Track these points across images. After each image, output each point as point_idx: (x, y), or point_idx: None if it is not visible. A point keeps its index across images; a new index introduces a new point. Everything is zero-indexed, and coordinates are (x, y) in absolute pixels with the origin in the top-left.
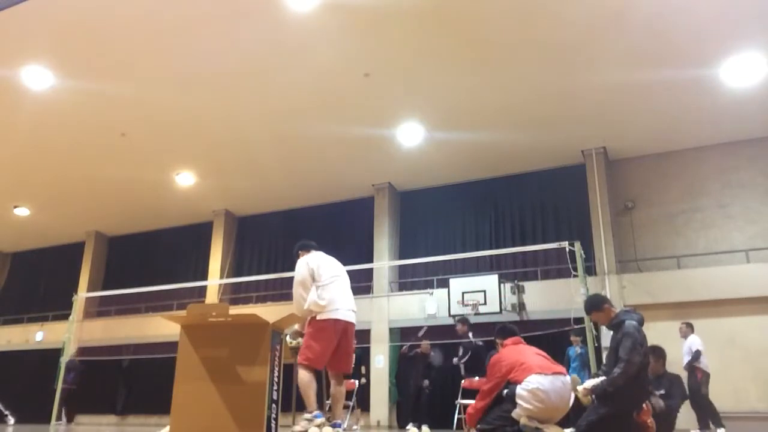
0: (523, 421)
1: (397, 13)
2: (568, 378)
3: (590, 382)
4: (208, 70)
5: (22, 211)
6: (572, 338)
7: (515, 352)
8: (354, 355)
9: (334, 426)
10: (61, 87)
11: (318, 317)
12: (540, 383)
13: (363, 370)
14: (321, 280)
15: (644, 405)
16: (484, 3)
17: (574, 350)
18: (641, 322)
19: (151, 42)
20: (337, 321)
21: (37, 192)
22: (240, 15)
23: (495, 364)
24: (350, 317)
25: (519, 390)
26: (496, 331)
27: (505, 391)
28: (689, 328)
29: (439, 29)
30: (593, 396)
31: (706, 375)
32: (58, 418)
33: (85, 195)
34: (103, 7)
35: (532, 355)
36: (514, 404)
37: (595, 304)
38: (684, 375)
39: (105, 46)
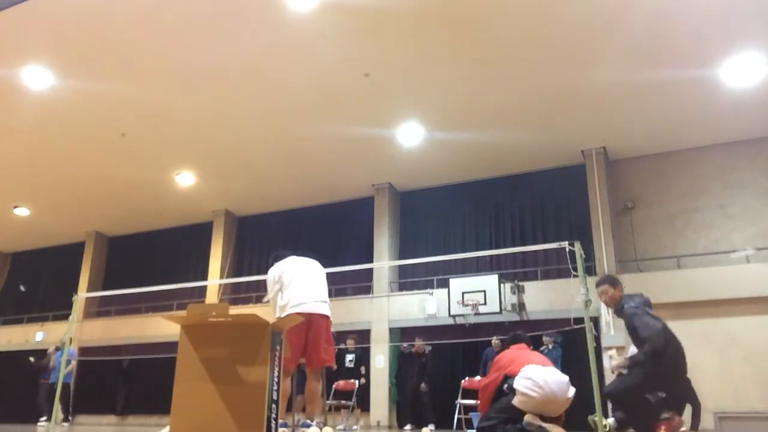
0: (527, 419)
1: (398, 14)
2: (566, 377)
3: (628, 353)
4: (208, 70)
5: (22, 211)
6: (544, 339)
7: (516, 353)
8: (332, 348)
9: (303, 426)
10: (61, 87)
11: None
12: (538, 370)
13: (363, 370)
14: (284, 283)
15: (672, 421)
16: (484, 3)
17: (545, 351)
18: (646, 303)
19: (151, 42)
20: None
21: (37, 192)
22: (240, 15)
23: (495, 362)
24: (314, 308)
25: (518, 378)
26: (509, 338)
27: (505, 386)
28: None
29: (439, 29)
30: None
31: None
32: (66, 419)
33: (85, 195)
34: (103, 7)
35: (532, 355)
36: (514, 394)
37: (613, 280)
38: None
39: (105, 46)
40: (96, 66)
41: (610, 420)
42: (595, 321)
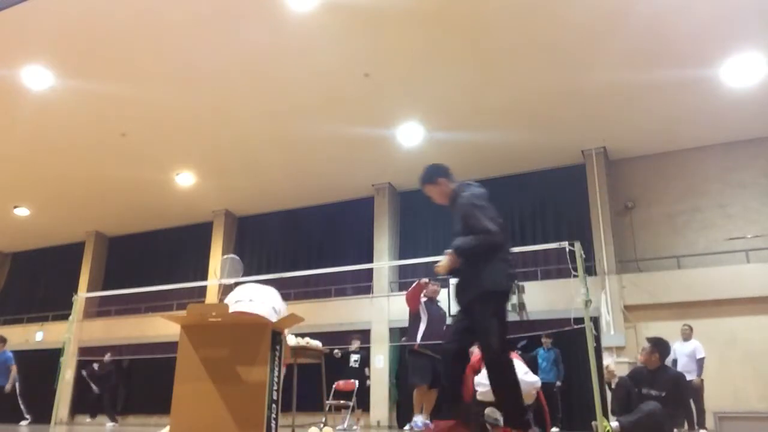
0: (487, 411)
1: (398, 14)
2: None
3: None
4: (208, 70)
5: (22, 211)
6: (543, 339)
7: None
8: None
9: None
10: (61, 87)
11: None
12: None
13: (367, 372)
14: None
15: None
16: (484, 3)
17: (543, 351)
18: (483, 196)
19: (151, 42)
20: None
21: (37, 192)
22: (240, 15)
23: None
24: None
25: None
26: None
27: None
28: (692, 331)
29: (439, 29)
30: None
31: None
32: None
33: (85, 195)
34: (103, 7)
35: None
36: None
37: (430, 175)
38: None
39: (105, 46)
40: (96, 66)
41: (614, 424)
42: (595, 321)
